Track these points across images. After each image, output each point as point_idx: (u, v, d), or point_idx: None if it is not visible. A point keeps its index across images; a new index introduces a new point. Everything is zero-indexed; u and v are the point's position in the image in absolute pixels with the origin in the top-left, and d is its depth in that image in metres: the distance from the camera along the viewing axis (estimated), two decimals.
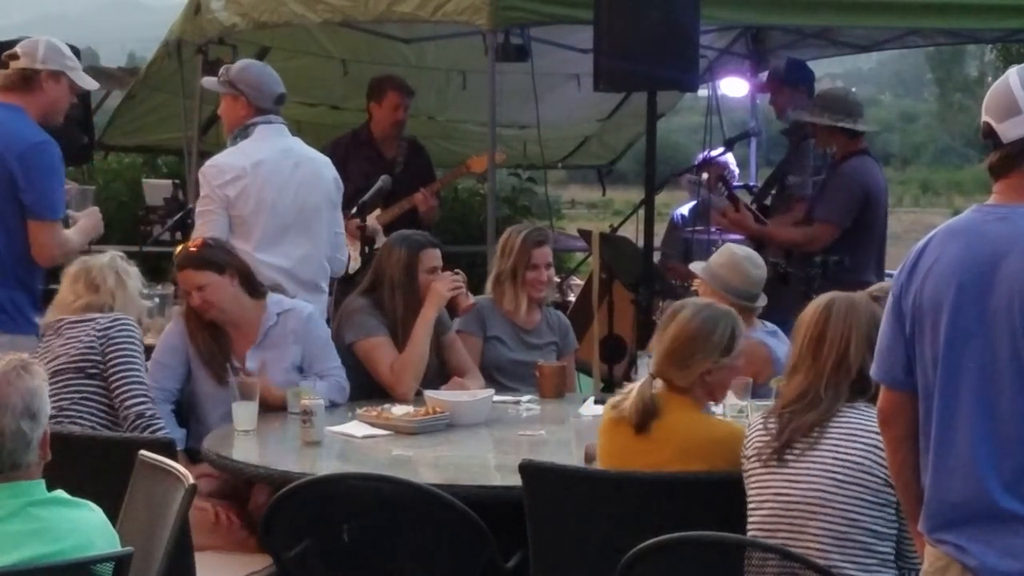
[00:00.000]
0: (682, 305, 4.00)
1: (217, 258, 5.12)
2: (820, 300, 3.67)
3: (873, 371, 3.09)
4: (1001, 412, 2.81)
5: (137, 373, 4.78)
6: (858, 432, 3.49)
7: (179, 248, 5.29)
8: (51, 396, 4.52)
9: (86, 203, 5.71)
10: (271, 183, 5.62)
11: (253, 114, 5.71)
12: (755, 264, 5.26)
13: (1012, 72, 2.93)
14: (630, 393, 3.91)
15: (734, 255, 5.28)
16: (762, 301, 5.31)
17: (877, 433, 3.38)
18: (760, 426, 3.63)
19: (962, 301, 2.86)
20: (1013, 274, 2.81)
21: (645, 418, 3.85)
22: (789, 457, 3.53)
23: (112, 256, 5.01)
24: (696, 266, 5.41)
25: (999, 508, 2.79)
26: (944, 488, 2.88)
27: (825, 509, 3.44)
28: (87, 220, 5.55)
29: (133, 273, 5.00)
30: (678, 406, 3.88)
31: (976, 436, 2.82)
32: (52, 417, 4.51)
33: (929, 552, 2.94)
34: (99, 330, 4.77)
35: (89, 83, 5.56)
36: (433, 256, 5.46)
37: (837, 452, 3.48)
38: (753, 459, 3.59)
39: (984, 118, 2.95)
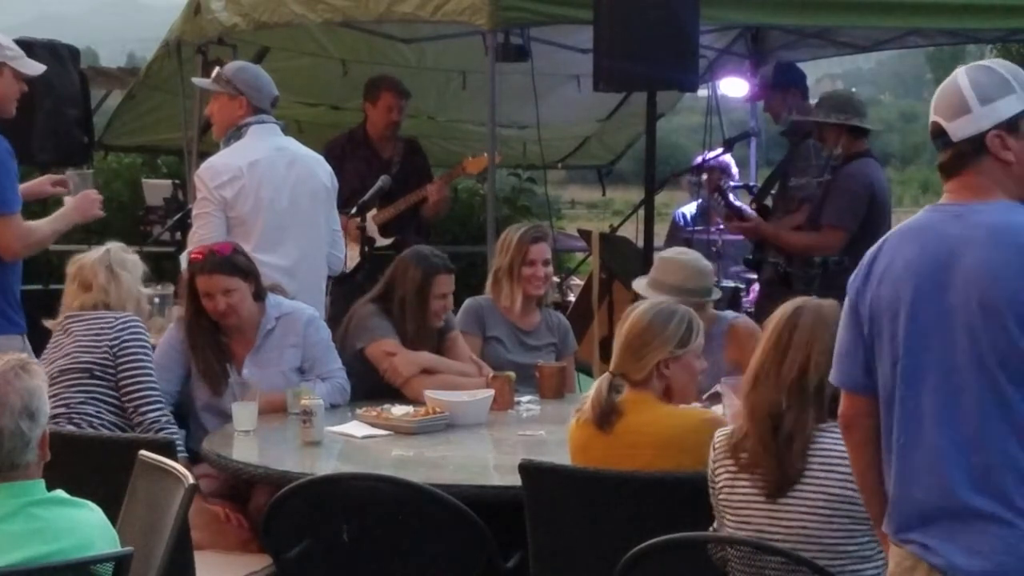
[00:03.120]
0: (641, 303, 4.03)
1: (244, 265, 5.12)
2: (787, 307, 3.51)
3: (832, 376, 3.07)
4: (964, 408, 2.80)
5: (151, 379, 4.78)
6: (834, 460, 3.36)
7: (195, 252, 5.22)
8: (59, 394, 4.58)
9: (86, 186, 5.65)
10: (268, 182, 5.62)
11: (250, 114, 5.71)
12: (693, 257, 5.17)
13: (960, 72, 2.94)
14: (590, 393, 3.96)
15: (668, 258, 5.19)
16: (716, 294, 5.27)
17: None
18: (729, 456, 3.51)
19: (920, 300, 2.85)
20: (969, 271, 2.81)
21: (604, 413, 3.87)
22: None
23: (106, 250, 4.96)
24: (639, 283, 5.23)
25: (964, 505, 2.79)
26: (909, 487, 2.87)
27: (814, 545, 3.36)
28: (70, 204, 5.47)
29: (131, 263, 4.95)
30: (641, 405, 3.88)
31: (940, 434, 2.82)
32: (62, 415, 4.56)
33: (895, 552, 2.92)
34: (110, 333, 4.75)
35: (34, 68, 5.42)
36: (447, 282, 5.43)
37: (818, 485, 3.38)
38: (726, 490, 3.49)
39: (933, 117, 2.96)
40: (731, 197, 7.93)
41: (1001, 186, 2.90)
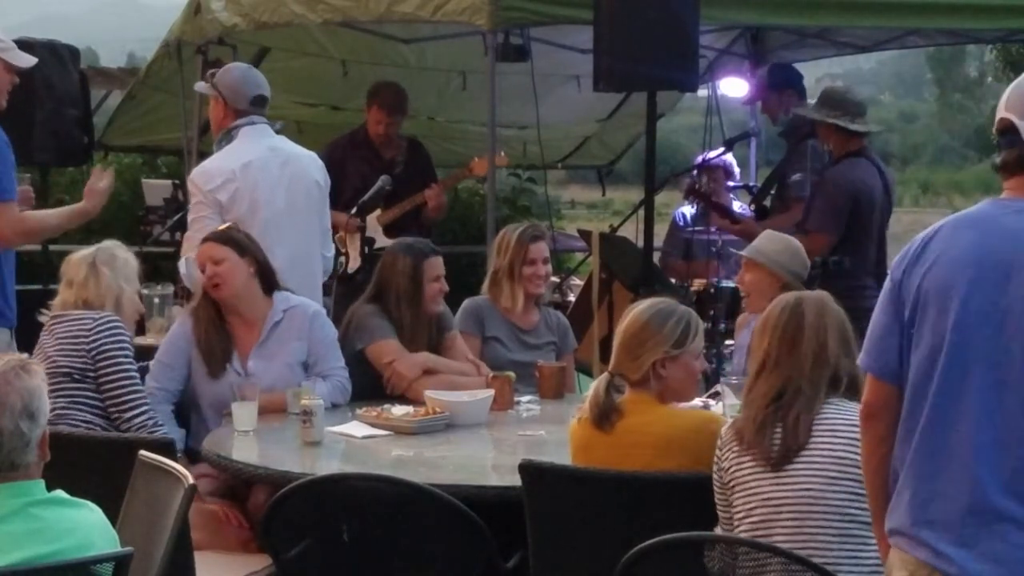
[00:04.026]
0: (640, 302, 4.04)
1: (240, 240, 5.18)
2: (786, 299, 3.64)
3: (863, 361, 3.01)
4: (1006, 409, 2.75)
5: (132, 381, 4.74)
6: (839, 427, 3.46)
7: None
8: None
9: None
10: (262, 183, 5.63)
11: (232, 116, 5.73)
12: (802, 249, 5.49)
13: None
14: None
15: (789, 241, 5.46)
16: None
17: (856, 426, 3.30)
18: (734, 438, 3.57)
19: (975, 291, 2.79)
20: None
21: (603, 412, 3.89)
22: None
23: (96, 248, 4.92)
24: (747, 251, 5.46)
25: (992, 507, 2.74)
26: (934, 482, 2.81)
27: (819, 507, 3.41)
28: (82, 203, 5.45)
29: (120, 261, 4.90)
30: (641, 405, 3.90)
31: (978, 431, 2.76)
32: (49, 421, 4.53)
33: (907, 560, 2.85)
34: (88, 336, 4.71)
35: (25, 60, 5.40)
36: (437, 264, 5.46)
37: (823, 449, 3.45)
38: (734, 470, 3.55)
39: (1004, 114, 2.89)
40: (729, 197, 7.93)
41: None
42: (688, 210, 8.11)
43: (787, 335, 3.55)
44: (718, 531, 3.61)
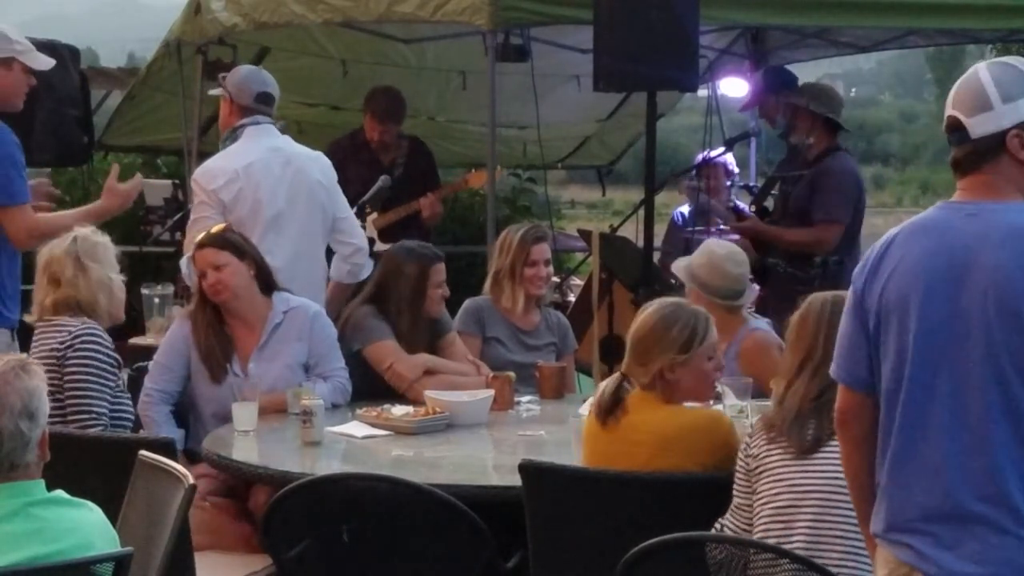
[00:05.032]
0: (652, 303, 4.03)
1: (238, 243, 5.16)
2: (825, 297, 3.64)
3: (833, 371, 3.04)
4: (972, 412, 2.76)
5: (88, 402, 4.64)
6: None
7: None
8: None
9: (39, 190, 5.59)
10: (264, 183, 5.64)
11: (239, 114, 5.75)
12: (736, 262, 5.15)
13: (981, 67, 2.89)
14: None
15: (713, 254, 5.15)
16: (747, 297, 5.28)
17: None
18: (764, 430, 3.61)
19: (932, 299, 2.81)
20: (986, 272, 2.76)
21: (607, 408, 3.90)
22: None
23: (73, 239, 4.83)
24: (678, 265, 5.31)
25: (966, 511, 2.75)
26: (908, 488, 2.83)
27: (841, 495, 3.39)
28: (99, 203, 5.43)
29: (100, 249, 4.82)
30: (644, 403, 3.91)
31: (946, 436, 2.77)
32: None
33: (887, 559, 2.87)
34: (60, 350, 4.66)
35: (43, 62, 5.37)
36: (442, 270, 5.46)
37: None
38: (762, 456, 3.58)
39: (951, 112, 2.90)
40: (732, 196, 7.94)
41: (1017, 186, 2.86)
42: (687, 209, 8.10)
43: (833, 331, 3.55)
44: (724, 520, 3.62)
